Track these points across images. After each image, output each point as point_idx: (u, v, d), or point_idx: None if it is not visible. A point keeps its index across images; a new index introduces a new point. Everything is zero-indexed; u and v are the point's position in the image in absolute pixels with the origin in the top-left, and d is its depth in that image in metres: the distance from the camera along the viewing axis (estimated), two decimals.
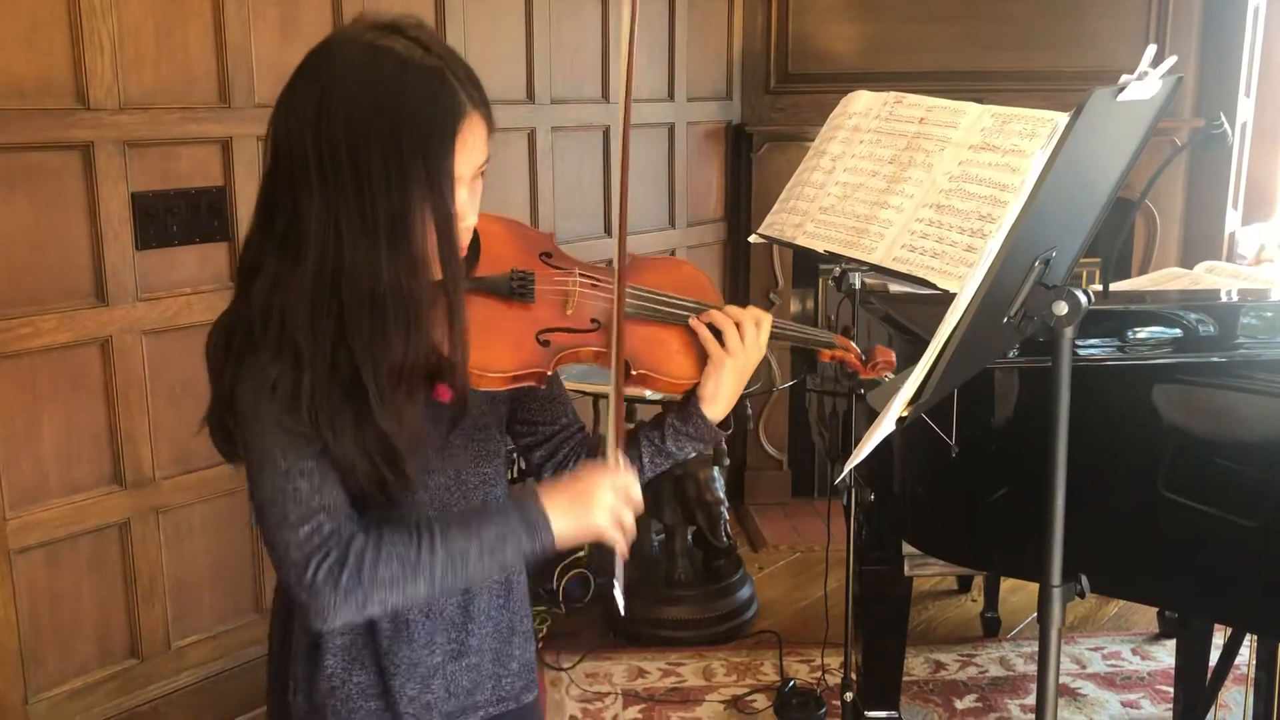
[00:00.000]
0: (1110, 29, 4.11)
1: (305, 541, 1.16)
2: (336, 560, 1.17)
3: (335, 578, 1.16)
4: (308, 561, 1.16)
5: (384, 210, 1.14)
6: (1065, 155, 1.26)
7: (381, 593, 1.18)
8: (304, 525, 1.17)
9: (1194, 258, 3.82)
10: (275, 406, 1.15)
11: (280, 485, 1.17)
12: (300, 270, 1.15)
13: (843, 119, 2.02)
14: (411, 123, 1.14)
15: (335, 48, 1.17)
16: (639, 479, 1.39)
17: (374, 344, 1.16)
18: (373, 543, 1.19)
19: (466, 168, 1.19)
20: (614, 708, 3.01)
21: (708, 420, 1.37)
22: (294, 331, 1.15)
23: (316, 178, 1.14)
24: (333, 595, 1.16)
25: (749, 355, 1.35)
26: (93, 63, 2.66)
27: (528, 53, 3.57)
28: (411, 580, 1.19)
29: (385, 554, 1.18)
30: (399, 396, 1.18)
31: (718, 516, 3.35)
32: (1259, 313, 2.22)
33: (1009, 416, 2.13)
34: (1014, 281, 1.39)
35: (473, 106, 1.18)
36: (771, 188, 3.57)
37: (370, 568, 1.17)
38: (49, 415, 2.72)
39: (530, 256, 1.34)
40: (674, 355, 1.36)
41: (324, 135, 1.13)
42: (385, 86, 1.14)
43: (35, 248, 2.65)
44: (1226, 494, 1.93)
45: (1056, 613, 1.48)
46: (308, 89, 1.16)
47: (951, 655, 3.27)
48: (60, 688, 2.81)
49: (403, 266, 1.15)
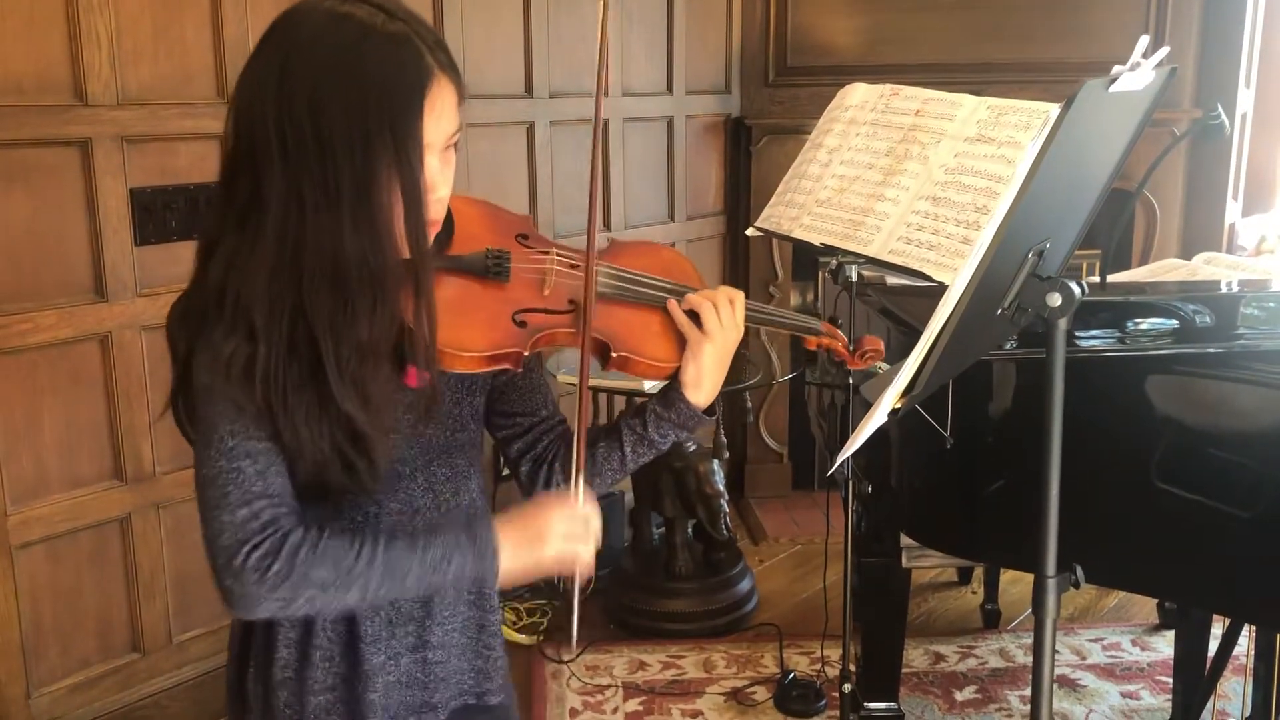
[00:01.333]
0: (1110, 19, 4.10)
1: (241, 525, 1.12)
2: (270, 550, 1.12)
3: (264, 568, 1.11)
4: (240, 546, 1.11)
5: (348, 178, 1.10)
6: (1057, 147, 1.26)
7: (309, 592, 1.14)
8: (242, 508, 1.12)
9: (1193, 249, 3.81)
10: (230, 385, 1.11)
11: (223, 465, 1.13)
12: (260, 245, 1.11)
13: (839, 111, 2.02)
14: (377, 88, 1.09)
15: (296, 18, 1.13)
16: (622, 469, 1.37)
17: (335, 320, 1.12)
18: (310, 540, 1.14)
19: (436, 135, 1.15)
20: (614, 700, 3.01)
21: (690, 404, 1.33)
22: (249, 306, 1.11)
23: (277, 149, 1.10)
24: (259, 585, 1.12)
25: (727, 335, 1.31)
26: (90, 58, 2.66)
27: (526, 47, 3.57)
28: (343, 587, 1.15)
29: (321, 554, 1.14)
30: (363, 376, 1.14)
31: (718, 509, 3.35)
32: (1259, 304, 2.22)
33: (1005, 408, 2.13)
34: (1008, 273, 1.39)
35: (440, 70, 1.14)
36: (770, 180, 3.57)
37: (303, 565, 1.13)
38: (49, 411, 2.72)
39: (506, 237, 1.31)
40: (654, 337, 1.33)
41: (285, 106, 1.09)
42: (348, 53, 1.10)
43: (34, 244, 2.65)
44: (1224, 485, 1.93)
45: (1051, 603, 1.48)
46: (268, 61, 1.12)
47: (951, 647, 3.27)
48: (62, 682, 2.82)
49: (367, 238, 1.11)
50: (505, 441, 1.43)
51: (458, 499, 1.35)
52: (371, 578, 1.16)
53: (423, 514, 1.32)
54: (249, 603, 1.13)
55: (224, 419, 1.14)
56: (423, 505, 1.32)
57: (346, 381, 1.13)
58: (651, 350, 1.32)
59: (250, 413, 1.13)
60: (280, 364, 1.12)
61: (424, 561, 1.19)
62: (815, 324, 1.45)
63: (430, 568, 1.19)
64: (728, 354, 1.33)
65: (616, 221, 3.89)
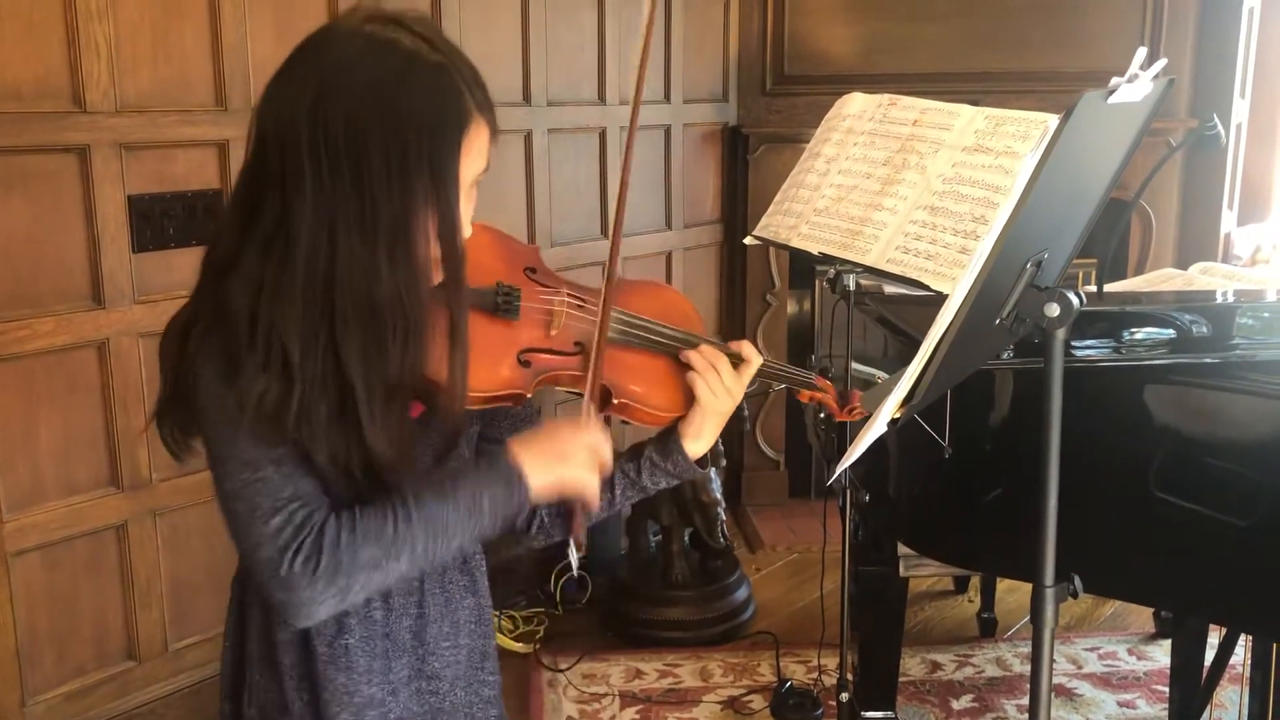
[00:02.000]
0: (1106, 29, 4.12)
1: (277, 534, 1.09)
2: (313, 549, 1.09)
3: (313, 568, 1.09)
4: (283, 555, 1.09)
5: (385, 213, 1.07)
6: (1056, 158, 1.27)
7: (363, 575, 1.12)
8: (275, 516, 1.10)
9: (1189, 258, 3.82)
10: (259, 422, 1.08)
11: (247, 476, 1.10)
12: (288, 275, 1.08)
13: (837, 121, 2.03)
14: (417, 123, 1.07)
15: (334, 38, 1.10)
16: (609, 509, 1.35)
17: (367, 357, 1.09)
18: (346, 525, 1.11)
19: (468, 174, 1.13)
20: (611, 709, 3.01)
21: (687, 457, 1.32)
22: (285, 341, 1.07)
23: (311, 175, 1.06)
24: (312, 587, 1.09)
25: (735, 396, 1.31)
26: (89, 65, 2.66)
27: (524, 55, 3.57)
28: (394, 557, 1.13)
29: (361, 535, 1.11)
30: (390, 415, 1.12)
31: (715, 517, 3.35)
32: (1254, 313, 2.22)
33: (1003, 417, 2.13)
34: (1006, 283, 1.40)
35: (479, 112, 1.12)
36: (768, 189, 3.57)
37: (348, 551, 1.10)
38: (46, 418, 2.72)
39: (515, 271, 1.29)
40: (657, 385, 1.31)
41: (321, 130, 1.05)
42: (390, 82, 1.07)
43: (32, 250, 2.65)
44: (1221, 494, 1.94)
45: (1050, 613, 1.48)
46: (303, 80, 1.08)
47: (948, 655, 3.27)
48: (57, 690, 2.81)
49: (402, 275, 1.08)
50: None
51: None
52: (415, 538, 1.14)
53: None
54: (308, 609, 1.11)
55: (242, 432, 1.10)
56: None
57: (378, 418, 1.11)
58: (655, 399, 1.31)
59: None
60: (313, 401, 1.09)
61: (459, 507, 1.16)
62: (811, 378, 1.45)
63: (467, 511, 1.17)
64: (729, 410, 1.33)
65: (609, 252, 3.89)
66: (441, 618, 1.31)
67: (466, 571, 1.36)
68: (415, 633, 1.29)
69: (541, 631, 3.37)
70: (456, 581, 1.34)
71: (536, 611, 3.47)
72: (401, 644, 1.29)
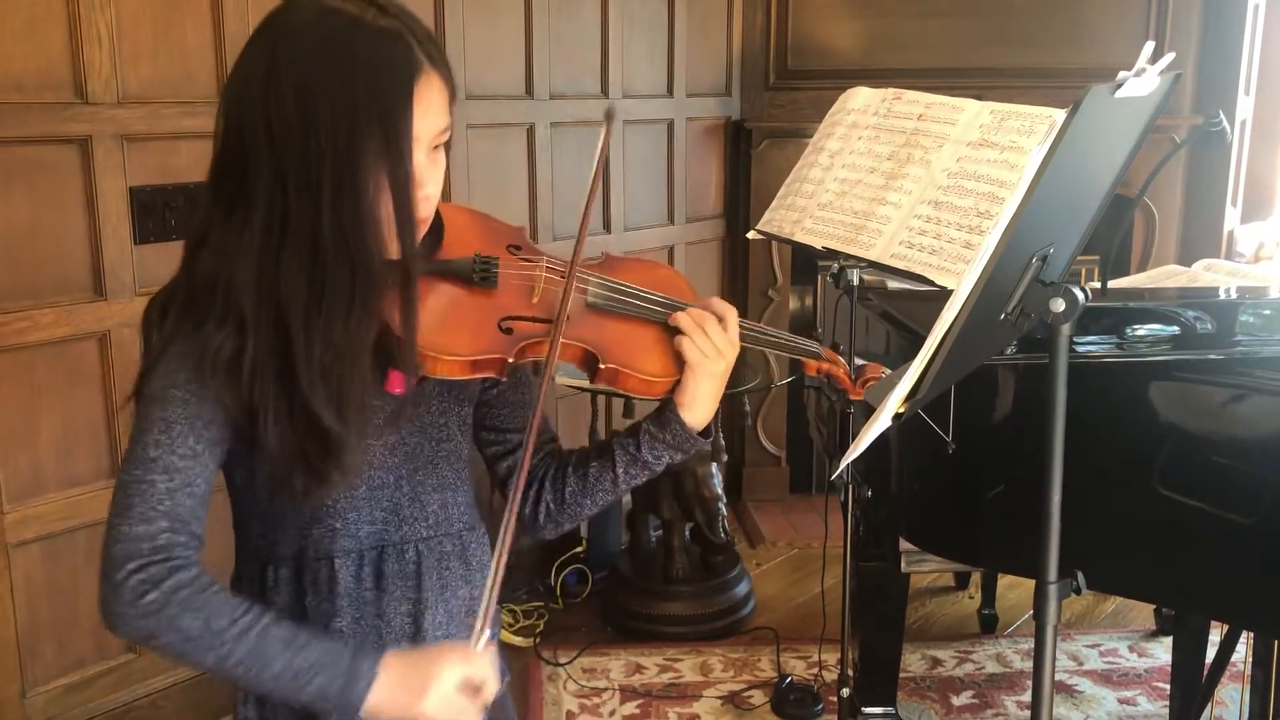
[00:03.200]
0: (1110, 25, 4.11)
1: (135, 541, 1.09)
2: (153, 578, 1.08)
3: (140, 594, 1.08)
4: (127, 561, 1.09)
5: (330, 163, 1.08)
6: (1062, 152, 1.26)
7: (171, 636, 1.09)
8: (141, 524, 1.09)
9: (1193, 255, 3.81)
10: (215, 379, 1.09)
11: (138, 474, 1.10)
12: (246, 235, 1.10)
13: (841, 115, 2.02)
14: (365, 78, 1.08)
15: (285, 12, 1.13)
16: (614, 491, 1.33)
17: (309, 311, 1.10)
18: (196, 587, 1.09)
19: (424, 129, 1.12)
20: (611, 703, 3.01)
21: (686, 426, 1.30)
22: (238, 296, 1.09)
23: (264, 139, 1.09)
24: (129, 608, 1.08)
25: (726, 355, 1.29)
26: (90, 56, 2.65)
27: (527, 48, 3.56)
28: (204, 648, 1.09)
29: (199, 605, 1.09)
30: (338, 375, 1.11)
31: (715, 512, 3.35)
32: (1257, 310, 2.22)
33: (1006, 413, 2.13)
34: (1011, 278, 1.39)
35: (431, 65, 1.12)
36: (770, 184, 3.57)
37: (176, 607, 1.08)
38: (46, 409, 2.71)
39: (497, 246, 1.29)
40: (646, 351, 1.29)
41: (272, 95, 1.08)
42: (335, 44, 1.09)
43: (33, 241, 2.64)
44: (1224, 491, 1.93)
45: (1052, 610, 1.48)
46: (257, 54, 1.11)
47: (948, 652, 3.27)
48: (57, 681, 2.81)
49: (350, 226, 1.09)
50: (493, 459, 1.40)
51: (444, 510, 1.33)
52: (235, 652, 1.09)
53: (408, 524, 1.30)
54: (114, 620, 1.10)
55: (156, 426, 1.11)
56: (408, 515, 1.30)
57: (316, 377, 1.10)
58: (643, 365, 1.29)
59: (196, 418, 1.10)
60: (266, 357, 1.10)
61: (291, 663, 1.11)
62: (816, 348, 1.42)
63: (294, 673, 1.11)
64: (725, 375, 1.31)
65: (616, 223, 3.89)
66: (436, 605, 1.31)
67: (464, 561, 1.35)
68: (413, 618, 1.30)
69: (542, 625, 3.38)
70: (454, 570, 1.34)
71: (537, 605, 3.47)
72: (399, 629, 1.29)
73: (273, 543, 1.28)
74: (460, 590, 1.34)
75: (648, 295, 1.32)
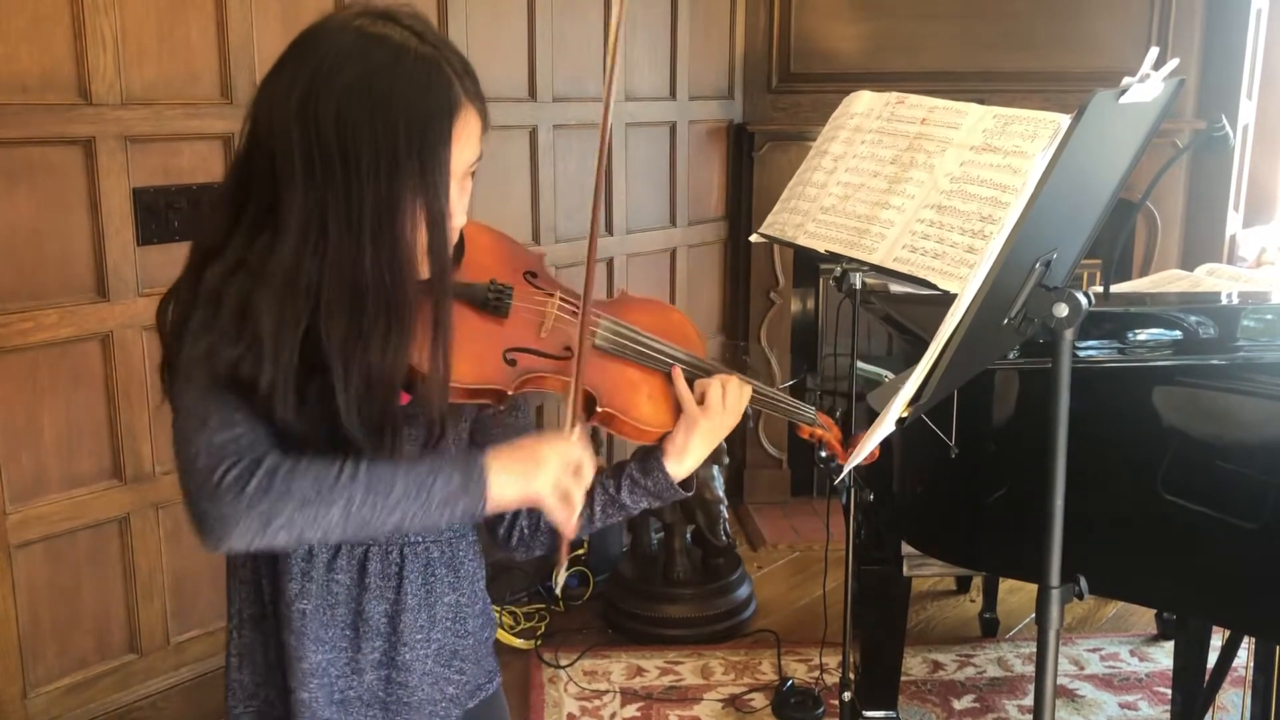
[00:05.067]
0: (1113, 30, 4.11)
1: (219, 448, 1.08)
2: (247, 467, 1.07)
3: (243, 484, 1.06)
4: (216, 465, 1.07)
5: (371, 203, 1.08)
6: (1066, 157, 1.26)
7: (290, 507, 1.07)
8: (222, 431, 1.09)
9: (1195, 260, 3.82)
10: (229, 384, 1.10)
11: (206, 396, 1.10)
12: (273, 262, 1.09)
13: (844, 119, 2.02)
14: (406, 113, 1.09)
15: (325, 34, 1.12)
16: (589, 527, 1.34)
17: (348, 344, 1.11)
18: (288, 464, 1.09)
19: (459, 164, 1.14)
20: (612, 705, 3.01)
21: (669, 476, 1.30)
22: (257, 323, 1.09)
23: (301, 168, 1.08)
24: (236, 503, 1.05)
25: (726, 418, 1.30)
26: (95, 58, 2.66)
27: (530, 50, 3.57)
28: (327, 502, 1.09)
29: (302, 469, 1.09)
30: (371, 403, 1.13)
31: (717, 515, 3.35)
32: (1259, 315, 2.22)
33: (1009, 417, 2.13)
34: (1015, 283, 1.39)
35: (469, 100, 1.14)
36: (773, 187, 3.57)
37: (283, 479, 1.07)
38: (49, 410, 2.72)
39: (513, 272, 1.29)
40: (645, 399, 1.30)
41: (311, 124, 1.08)
42: (378, 76, 1.08)
43: (37, 242, 2.65)
44: (1226, 496, 1.93)
45: (1055, 614, 1.48)
46: (294, 76, 1.10)
47: (949, 655, 3.27)
48: (59, 682, 2.82)
49: (386, 263, 1.10)
50: None
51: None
52: (355, 492, 1.10)
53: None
54: (224, 525, 1.06)
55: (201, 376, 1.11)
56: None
57: (354, 406, 1.12)
58: (640, 413, 1.30)
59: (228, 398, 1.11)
60: (284, 387, 1.10)
61: (407, 479, 1.12)
62: (812, 414, 1.44)
63: (416, 485, 1.12)
64: (719, 435, 1.31)
65: (618, 226, 3.90)
66: (419, 608, 1.31)
67: (453, 568, 1.35)
68: (390, 618, 1.29)
69: (543, 628, 3.37)
70: (441, 576, 1.33)
71: (538, 607, 3.47)
72: (375, 627, 1.29)
73: None
74: (447, 597, 1.34)
75: (654, 344, 1.32)
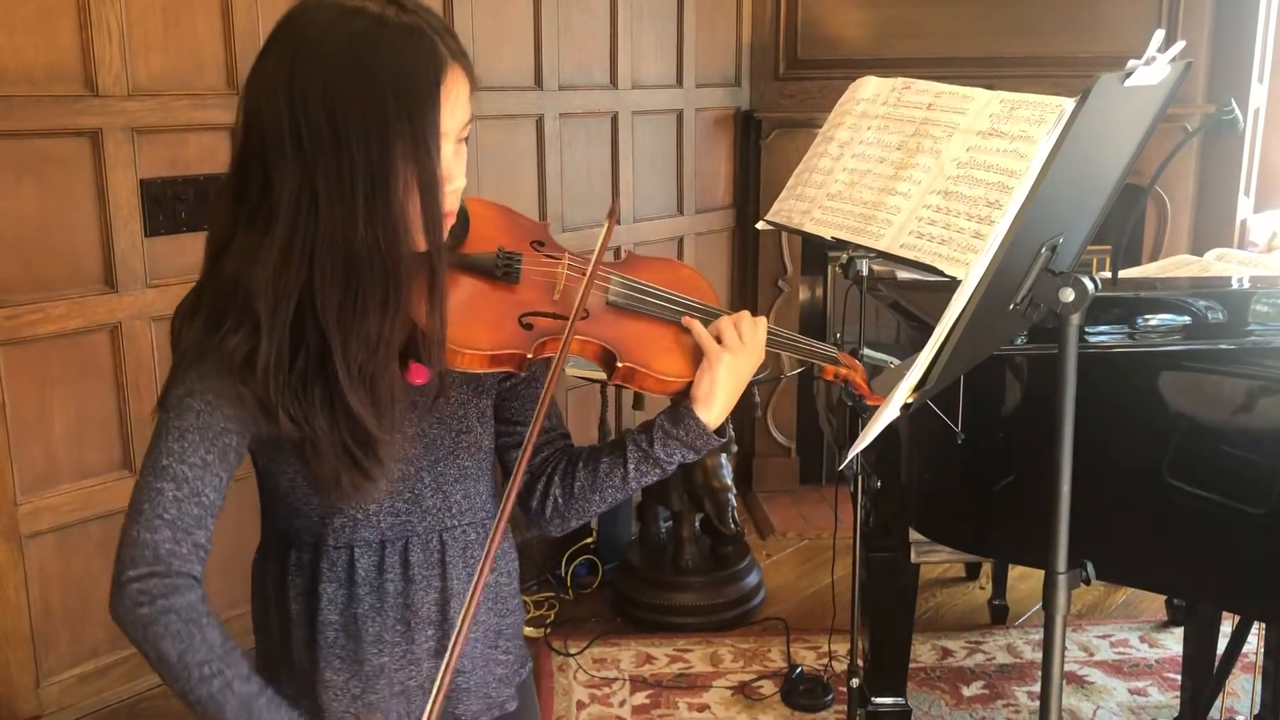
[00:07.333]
0: (1122, 13, 4.09)
1: (141, 547, 1.11)
2: (149, 592, 1.10)
3: (137, 603, 1.10)
4: (129, 566, 1.11)
5: (363, 170, 1.08)
6: (1071, 141, 1.26)
7: (149, 652, 1.11)
8: (148, 532, 1.11)
9: (1204, 245, 3.80)
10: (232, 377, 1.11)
11: (149, 480, 1.12)
12: (269, 240, 1.10)
13: (851, 105, 2.01)
14: (392, 79, 1.08)
15: (304, 13, 1.12)
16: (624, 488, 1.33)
17: (344, 313, 1.11)
18: (186, 616, 1.11)
19: (451, 124, 1.13)
20: (621, 693, 3.02)
21: (701, 422, 1.28)
22: (253, 299, 1.10)
23: (291, 144, 1.08)
24: (126, 613, 1.11)
25: (748, 355, 1.29)
26: (101, 49, 2.66)
27: (536, 39, 3.56)
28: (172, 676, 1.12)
29: (182, 636, 1.11)
30: (371, 372, 1.13)
31: (725, 503, 3.35)
32: (1269, 300, 2.21)
33: (1016, 403, 2.12)
34: (1021, 268, 1.39)
35: (453, 58, 1.13)
36: (780, 174, 3.56)
37: (162, 629, 1.10)
38: (59, 401, 2.73)
39: (520, 242, 1.30)
40: (665, 351, 1.30)
41: (298, 100, 1.08)
42: (360, 45, 1.08)
43: (44, 234, 2.65)
44: (1235, 482, 1.93)
45: (1062, 599, 1.48)
46: (278, 57, 1.10)
47: (959, 642, 3.27)
48: (71, 671, 2.83)
49: (381, 230, 1.09)
50: (503, 450, 1.41)
51: (467, 500, 1.34)
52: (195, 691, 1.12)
53: (432, 514, 1.31)
54: (113, 614, 1.13)
55: (171, 434, 1.13)
56: (431, 505, 1.31)
57: (354, 377, 1.12)
58: (661, 364, 1.29)
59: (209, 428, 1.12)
60: (283, 358, 1.11)
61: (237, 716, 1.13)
62: (834, 353, 1.43)
63: None
64: (744, 374, 1.30)
65: (625, 214, 3.89)
66: (464, 592, 1.31)
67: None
68: (440, 606, 1.31)
69: (552, 615, 3.38)
70: (479, 557, 1.34)
71: (547, 595, 3.48)
72: (427, 617, 1.31)
73: (296, 528, 1.30)
74: (487, 578, 1.35)
75: (668, 295, 1.33)
